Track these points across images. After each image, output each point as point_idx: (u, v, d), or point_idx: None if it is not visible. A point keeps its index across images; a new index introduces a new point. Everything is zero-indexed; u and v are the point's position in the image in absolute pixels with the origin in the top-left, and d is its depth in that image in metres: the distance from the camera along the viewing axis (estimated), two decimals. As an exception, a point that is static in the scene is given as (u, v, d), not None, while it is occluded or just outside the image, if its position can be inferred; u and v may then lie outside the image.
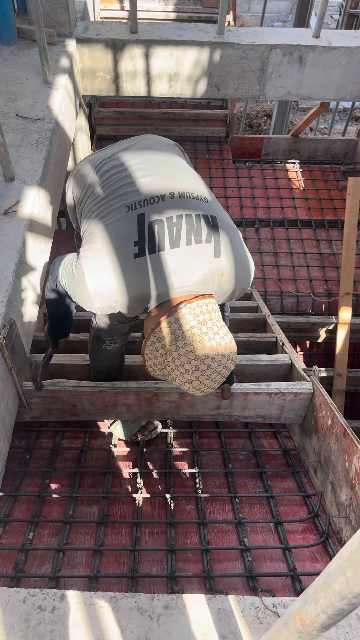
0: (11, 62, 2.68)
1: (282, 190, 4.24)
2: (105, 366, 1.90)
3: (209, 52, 2.85)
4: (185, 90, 3.05)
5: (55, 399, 1.84)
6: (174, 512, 1.65)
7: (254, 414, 1.90)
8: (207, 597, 1.20)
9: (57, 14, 2.73)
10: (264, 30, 3.01)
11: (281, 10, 12.98)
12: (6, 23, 2.71)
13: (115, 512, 1.65)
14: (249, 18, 12.63)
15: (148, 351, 1.40)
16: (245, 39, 2.87)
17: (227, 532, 1.58)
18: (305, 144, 4.57)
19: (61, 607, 1.18)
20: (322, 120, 9.32)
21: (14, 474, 1.78)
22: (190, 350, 1.30)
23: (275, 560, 1.47)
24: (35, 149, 2.17)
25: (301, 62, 2.93)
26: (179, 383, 1.36)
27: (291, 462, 1.91)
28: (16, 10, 2.90)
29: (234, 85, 3.03)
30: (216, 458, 1.93)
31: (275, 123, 6.96)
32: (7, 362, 1.62)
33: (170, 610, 1.18)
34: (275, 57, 2.89)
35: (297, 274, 3.65)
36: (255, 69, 2.95)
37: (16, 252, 1.77)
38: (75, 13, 2.89)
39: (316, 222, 3.99)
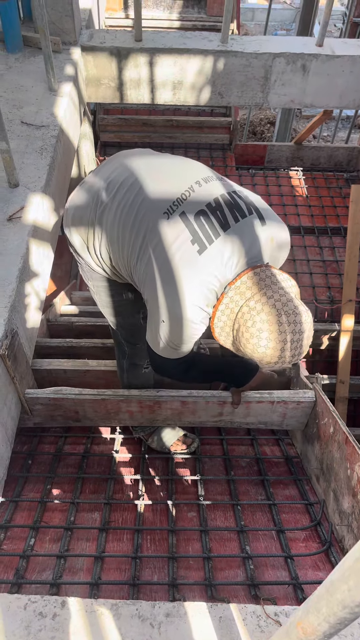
0: (16, 69, 2.70)
1: (285, 198, 4.25)
2: (145, 385, 1.92)
3: (213, 60, 2.87)
4: (189, 98, 3.07)
5: (58, 406, 1.84)
6: (175, 519, 1.65)
7: (256, 420, 1.90)
8: (208, 605, 1.20)
9: (62, 22, 2.76)
10: (267, 38, 3.03)
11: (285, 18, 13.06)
12: (12, 31, 2.73)
13: (117, 518, 1.65)
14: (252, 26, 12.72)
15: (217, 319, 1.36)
16: (249, 47, 2.89)
17: (229, 539, 1.57)
18: (308, 151, 4.58)
19: (62, 614, 1.17)
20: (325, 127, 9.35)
21: (15, 480, 1.77)
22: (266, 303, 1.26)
23: (277, 568, 1.47)
24: (39, 156, 2.19)
25: (304, 71, 2.95)
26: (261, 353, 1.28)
27: (293, 469, 1.90)
28: (22, 18, 2.93)
29: (237, 93, 3.04)
30: (218, 465, 1.92)
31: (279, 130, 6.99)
32: (10, 372, 1.62)
33: (171, 618, 1.18)
34: (279, 65, 2.91)
35: (299, 280, 3.64)
36: (258, 77, 2.96)
37: (20, 258, 1.78)
38: (80, 21, 2.91)
39: (319, 229, 3.99)
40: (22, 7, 2.92)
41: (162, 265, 1.34)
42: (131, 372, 1.88)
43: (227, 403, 1.81)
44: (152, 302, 1.40)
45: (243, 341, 1.29)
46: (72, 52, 2.80)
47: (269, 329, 1.24)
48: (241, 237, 1.35)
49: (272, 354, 1.26)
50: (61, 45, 2.79)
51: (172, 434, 1.97)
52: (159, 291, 1.35)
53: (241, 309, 1.28)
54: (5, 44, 2.79)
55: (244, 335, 1.28)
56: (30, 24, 2.94)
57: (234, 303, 1.31)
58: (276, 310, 1.24)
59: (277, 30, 12.51)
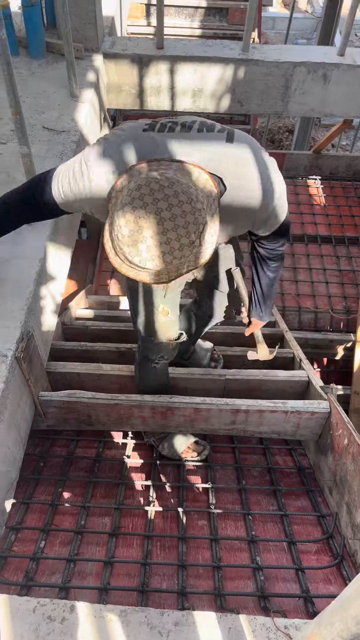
0: (39, 75, 2.74)
1: (302, 206, 4.24)
2: (153, 387, 1.92)
3: (234, 68, 2.88)
4: (208, 106, 3.08)
5: (71, 409, 1.85)
6: (186, 526, 1.64)
7: (269, 430, 1.89)
8: (218, 615, 1.19)
9: (85, 29, 2.79)
10: (288, 47, 3.03)
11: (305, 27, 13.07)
12: (36, 37, 2.77)
13: (127, 524, 1.64)
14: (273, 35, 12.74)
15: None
16: (269, 56, 2.89)
17: (240, 549, 1.56)
18: (327, 160, 4.56)
19: (71, 618, 1.17)
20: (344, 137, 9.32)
21: (27, 481, 1.78)
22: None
23: (287, 580, 1.45)
24: (60, 160, 2.21)
25: (325, 80, 2.94)
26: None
27: (306, 480, 1.88)
28: (45, 25, 2.97)
29: (257, 101, 3.05)
30: (230, 473, 1.91)
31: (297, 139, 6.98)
32: (25, 374, 1.63)
33: (180, 626, 1.17)
34: (300, 74, 2.91)
35: (315, 290, 3.63)
36: (279, 86, 2.96)
37: (38, 262, 1.79)
38: (102, 29, 2.94)
39: (336, 238, 3.97)
40: (46, 14, 2.96)
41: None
42: (142, 365, 1.89)
43: (241, 411, 1.81)
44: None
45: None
46: (94, 58, 2.83)
47: (118, 210, 1.08)
48: (190, 140, 1.25)
49: (118, 220, 1.09)
50: (84, 52, 2.82)
51: (182, 440, 1.97)
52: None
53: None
54: (29, 50, 2.83)
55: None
56: (54, 30, 2.98)
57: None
58: (155, 183, 1.07)
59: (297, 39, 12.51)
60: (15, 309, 1.65)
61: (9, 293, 1.70)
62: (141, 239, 1.06)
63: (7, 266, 1.77)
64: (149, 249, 1.06)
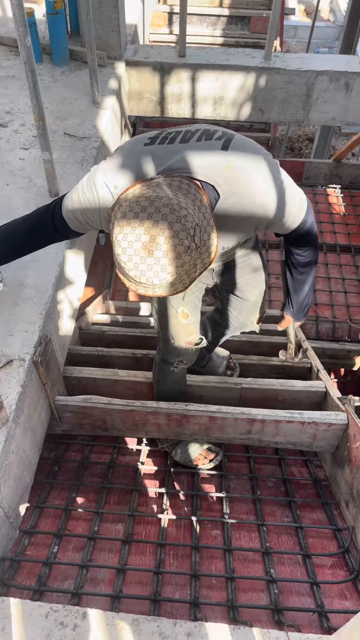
0: (62, 82, 2.77)
1: (321, 215, 4.21)
2: (171, 392, 1.93)
3: (255, 76, 2.88)
4: (229, 113, 3.08)
5: (87, 414, 1.85)
6: (199, 536, 1.62)
7: (284, 440, 1.87)
8: (230, 627, 1.18)
9: (108, 37, 2.82)
10: (310, 56, 3.03)
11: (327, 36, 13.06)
12: (60, 45, 2.81)
13: (140, 531, 1.64)
14: (295, 44, 12.75)
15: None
16: (291, 64, 2.89)
17: (253, 561, 1.54)
18: (347, 169, 4.53)
19: (83, 625, 1.17)
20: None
21: (41, 486, 1.78)
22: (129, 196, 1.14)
23: (302, 594, 1.43)
24: (80, 166, 2.23)
25: (347, 89, 2.93)
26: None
27: (322, 492, 1.86)
28: (69, 33, 3.01)
29: (278, 109, 3.05)
30: (244, 483, 1.89)
31: (317, 147, 6.96)
32: (42, 379, 1.64)
33: (192, 638, 1.16)
34: (322, 83, 2.90)
35: (334, 299, 3.59)
36: (300, 94, 2.96)
37: (57, 266, 1.81)
38: (125, 36, 2.97)
39: (355, 247, 3.93)
40: (70, 22, 3.00)
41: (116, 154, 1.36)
42: (161, 368, 1.89)
43: (257, 421, 1.79)
44: None
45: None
46: (116, 66, 2.85)
47: (118, 223, 1.12)
48: (188, 150, 1.27)
49: (116, 250, 1.14)
50: (106, 59, 2.85)
51: (196, 446, 1.96)
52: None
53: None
54: (52, 57, 2.86)
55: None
56: (77, 38, 3.02)
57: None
58: (137, 206, 1.10)
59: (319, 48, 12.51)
60: (33, 313, 1.67)
61: (28, 297, 1.71)
62: (140, 260, 1.10)
63: (27, 271, 1.79)
64: (150, 267, 1.11)
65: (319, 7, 6.22)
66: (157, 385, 1.96)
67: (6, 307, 1.68)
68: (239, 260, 1.80)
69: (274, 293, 3.64)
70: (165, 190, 1.14)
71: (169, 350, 1.81)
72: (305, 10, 14.07)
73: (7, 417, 1.40)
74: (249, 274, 1.84)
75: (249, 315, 1.99)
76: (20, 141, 2.36)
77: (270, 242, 3.96)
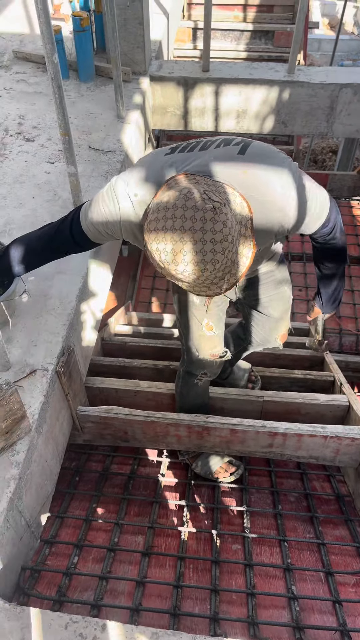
0: (87, 97, 2.82)
1: (345, 227, 4.17)
2: (194, 405, 1.93)
3: (279, 90, 2.89)
4: (252, 126, 3.10)
5: (108, 425, 1.86)
6: (219, 550, 1.61)
7: (307, 454, 1.84)
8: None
9: (133, 53, 2.86)
10: (334, 69, 3.03)
11: (351, 49, 13.03)
12: (86, 62, 2.86)
13: (160, 544, 1.63)
14: (318, 57, 12.75)
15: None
16: (315, 77, 2.90)
17: (274, 577, 1.52)
18: (371, 181, 4.49)
19: (102, 637, 1.16)
20: (389, 157, 9.17)
21: (62, 495, 1.79)
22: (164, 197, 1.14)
23: (324, 612, 1.40)
24: (104, 180, 2.26)
25: (371, 101, 2.92)
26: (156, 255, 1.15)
27: (344, 508, 1.82)
28: (95, 49, 3.07)
29: (301, 122, 3.05)
30: (265, 497, 1.87)
31: (341, 160, 6.92)
32: (64, 389, 1.66)
33: (212, 654, 1.14)
34: (345, 95, 2.89)
35: (358, 312, 3.55)
36: (324, 107, 2.96)
37: (81, 278, 1.83)
38: (150, 52, 3.02)
39: (380, 260, 3.89)
40: (96, 39, 3.06)
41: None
42: (185, 380, 1.89)
43: (279, 434, 1.77)
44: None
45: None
46: (140, 81, 2.90)
47: (155, 220, 1.12)
48: (206, 156, 1.27)
49: (155, 250, 1.13)
50: (131, 75, 2.89)
51: (216, 459, 1.94)
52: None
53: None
54: (79, 73, 2.92)
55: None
56: (103, 54, 3.07)
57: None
58: (175, 203, 1.10)
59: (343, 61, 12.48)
60: (57, 324, 1.69)
61: (52, 308, 1.73)
62: (180, 257, 1.10)
63: (51, 282, 1.82)
64: (187, 263, 1.10)
65: (343, 20, 6.23)
66: (179, 398, 1.96)
67: (30, 317, 1.71)
68: (263, 277, 1.79)
69: (296, 305, 3.62)
70: (215, 197, 1.11)
71: (193, 362, 1.81)
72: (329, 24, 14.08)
73: (30, 427, 1.42)
74: (272, 290, 1.84)
75: (272, 331, 1.98)
76: (47, 155, 2.41)
77: (293, 254, 3.94)
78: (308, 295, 3.67)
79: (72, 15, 2.73)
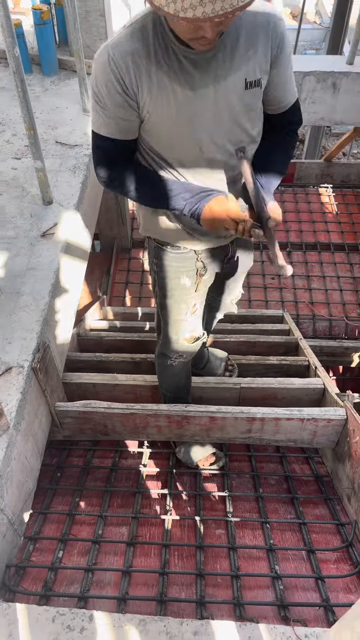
0: (52, 91, 2.79)
1: (314, 214, 4.24)
2: (172, 384, 1.95)
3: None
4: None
5: (87, 419, 1.86)
6: (203, 535, 1.63)
7: (285, 438, 1.88)
8: (237, 624, 1.18)
9: (96, 45, 2.84)
10: (297, 58, 3.06)
11: (314, 38, 13.14)
12: (49, 55, 2.83)
13: (144, 533, 1.64)
14: (282, 46, 12.80)
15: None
16: (278, 66, 2.92)
17: (258, 558, 1.54)
18: (338, 168, 4.56)
19: (90, 627, 1.17)
20: (356, 145, 9.31)
21: (44, 492, 1.79)
22: None
23: (307, 589, 1.43)
24: (72, 174, 2.24)
25: (335, 88, 2.96)
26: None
27: (324, 488, 1.87)
28: (57, 42, 3.03)
29: (267, 111, 3.07)
30: (247, 482, 1.90)
31: (308, 148, 7.00)
32: (41, 385, 1.65)
33: (199, 636, 1.16)
34: (309, 83, 2.93)
35: (330, 297, 3.61)
36: (288, 96, 2.99)
37: (53, 274, 1.82)
38: (113, 45, 2.99)
39: (349, 245, 3.96)
40: (58, 32, 3.03)
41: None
42: (160, 360, 1.91)
43: (257, 419, 1.80)
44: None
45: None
46: (105, 74, 2.87)
47: None
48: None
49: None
50: (95, 67, 2.86)
51: (200, 451, 1.96)
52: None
53: None
54: (42, 67, 2.89)
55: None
56: (66, 47, 3.04)
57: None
58: None
59: (306, 50, 12.59)
60: (31, 320, 1.68)
61: (25, 305, 1.72)
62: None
63: (23, 279, 1.80)
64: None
65: (304, 10, 6.27)
66: (158, 376, 1.99)
67: (3, 315, 1.70)
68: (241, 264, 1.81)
69: (269, 294, 3.67)
70: None
71: (169, 346, 1.83)
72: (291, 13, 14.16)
73: (8, 424, 1.41)
74: (241, 276, 1.87)
75: (228, 296, 2.02)
76: (13, 151, 2.38)
77: (265, 243, 3.97)
78: (281, 283, 3.72)
79: (32, 9, 2.69)
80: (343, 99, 3.02)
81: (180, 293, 1.68)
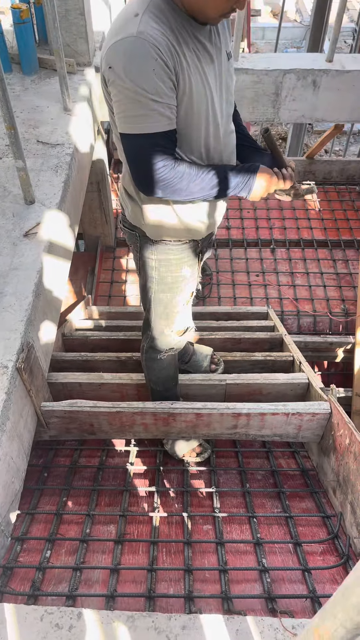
0: (32, 90, 2.78)
1: (297, 211, 4.27)
2: (161, 377, 1.96)
3: (224, 77, 2.92)
4: (200, 115, 3.11)
5: (73, 419, 1.86)
6: (191, 531, 1.64)
7: (271, 432, 1.89)
8: (225, 617, 1.19)
9: (76, 44, 2.83)
10: (277, 55, 3.08)
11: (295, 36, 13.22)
12: (28, 53, 2.81)
13: (132, 531, 1.65)
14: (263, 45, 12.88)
15: None
16: (259, 64, 2.94)
17: (245, 552, 1.56)
18: (320, 165, 4.59)
19: (78, 625, 1.17)
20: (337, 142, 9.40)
21: (31, 492, 1.78)
22: None
23: (294, 581, 1.45)
24: (54, 173, 2.23)
25: (315, 86, 2.99)
26: None
27: (309, 482, 1.89)
28: (37, 41, 3.01)
29: (248, 108, 3.09)
30: (234, 478, 1.91)
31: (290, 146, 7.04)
32: (26, 385, 1.65)
33: (187, 630, 1.17)
34: (289, 81, 2.95)
35: (313, 293, 3.64)
36: (269, 93, 3.01)
37: (36, 273, 1.81)
38: (94, 43, 2.99)
39: (332, 242, 3.99)
40: (38, 31, 3.01)
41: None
42: (149, 354, 1.92)
43: (242, 415, 1.81)
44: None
45: None
46: (86, 72, 2.87)
47: None
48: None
49: None
50: (76, 66, 2.86)
51: (188, 443, 1.98)
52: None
53: None
54: (22, 66, 2.87)
55: None
56: (46, 46, 3.02)
57: None
58: None
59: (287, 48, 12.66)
60: (14, 320, 1.67)
61: (8, 305, 1.71)
62: None
63: (6, 279, 1.79)
64: None
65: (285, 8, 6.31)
66: (146, 371, 1.99)
67: (-14, 315, 1.69)
68: None
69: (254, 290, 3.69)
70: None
71: (161, 341, 1.85)
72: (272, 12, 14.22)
73: (-7, 424, 1.40)
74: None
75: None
76: (-7, 151, 2.36)
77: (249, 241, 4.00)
78: (265, 280, 3.74)
79: (12, 8, 2.67)
80: (323, 97, 3.04)
81: (180, 284, 1.72)
